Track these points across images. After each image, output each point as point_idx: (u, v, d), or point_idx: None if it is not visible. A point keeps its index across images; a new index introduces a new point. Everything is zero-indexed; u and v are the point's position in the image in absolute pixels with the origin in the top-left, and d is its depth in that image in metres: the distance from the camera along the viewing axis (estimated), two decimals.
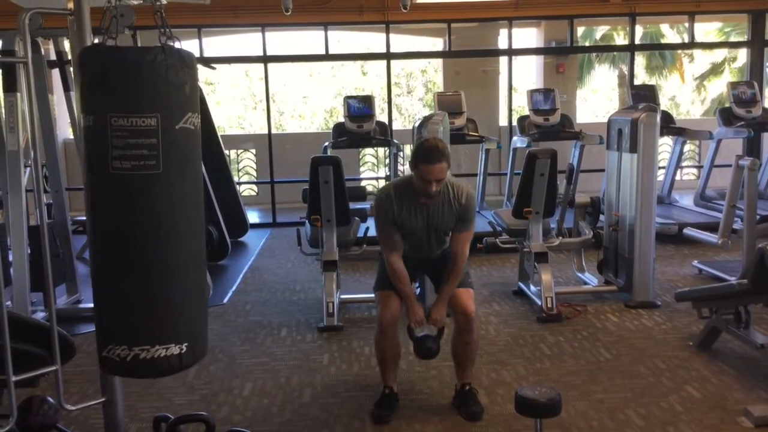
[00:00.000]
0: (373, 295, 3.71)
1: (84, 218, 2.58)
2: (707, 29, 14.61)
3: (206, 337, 2.66)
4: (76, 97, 2.50)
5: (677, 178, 8.85)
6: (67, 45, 5.35)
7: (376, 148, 10.05)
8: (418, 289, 4.97)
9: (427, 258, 3.58)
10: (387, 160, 9.25)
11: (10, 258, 4.93)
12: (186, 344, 2.48)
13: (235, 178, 9.46)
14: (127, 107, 2.30)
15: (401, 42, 10.69)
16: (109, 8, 2.42)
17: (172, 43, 2.39)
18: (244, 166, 10.62)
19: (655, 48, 16.60)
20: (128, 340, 2.42)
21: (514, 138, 8.24)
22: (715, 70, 16.21)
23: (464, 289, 3.45)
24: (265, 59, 9.06)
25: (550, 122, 7.86)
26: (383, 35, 9.11)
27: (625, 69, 13.90)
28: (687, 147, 9.67)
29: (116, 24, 2.42)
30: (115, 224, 2.40)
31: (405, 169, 8.20)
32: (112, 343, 2.44)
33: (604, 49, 17.08)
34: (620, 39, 16.26)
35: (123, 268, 2.42)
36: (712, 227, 6.16)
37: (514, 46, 9.58)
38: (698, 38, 10.22)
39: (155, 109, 2.32)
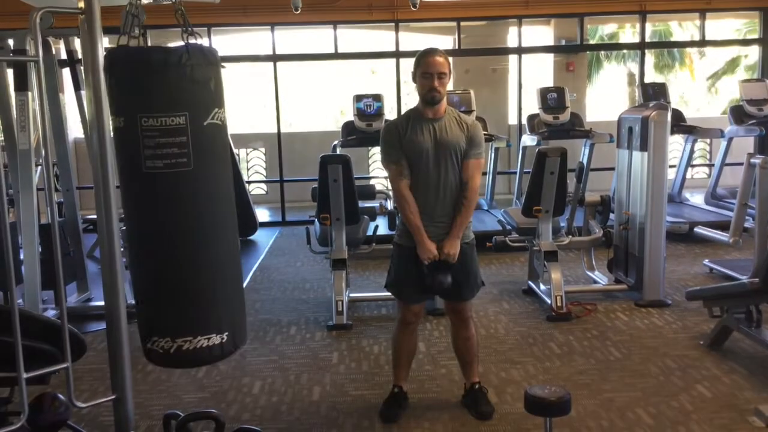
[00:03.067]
0: (381, 294, 3.69)
1: (95, 216, 2.60)
2: (722, 27, 14.50)
3: (245, 325, 2.77)
4: (87, 96, 2.52)
5: (688, 176, 8.81)
6: (77, 44, 5.37)
7: None
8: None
9: (439, 218, 3.28)
10: None
11: (21, 256, 4.96)
12: (226, 333, 2.59)
13: (245, 177, 9.48)
14: (156, 107, 2.38)
15: (410, 40, 10.66)
16: (128, 9, 2.46)
17: (194, 40, 2.44)
18: (254, 164, 10.64)
19: (666, 46, 16.52)
20: (171, 332, 2.53)
21: (524, 136, 8.22)
22: (728, 69, 16.10)
23: (463, 302, 3.42)
24: (275, 58, 9.08)
25: (560, 120, 7.84)
26: (392, 34, 9.11)
27: (634, 68, 13.85)
28: (698, 145, 9.62)
29: (138, 23, 2.48)
30: (152, 222, 2.50)
31: None
32: (155, 335, 2.55)
33: (615, 47, 17.02)
34: (627, 37, 16.20)
35: (162, 263, 2.53)
36: (723, 226, 6.14)
37: (523, 45, 9.55)
38: (711, 36, 10.14)
39: (183, 107, 2.39)
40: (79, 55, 5.22)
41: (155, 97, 2.38)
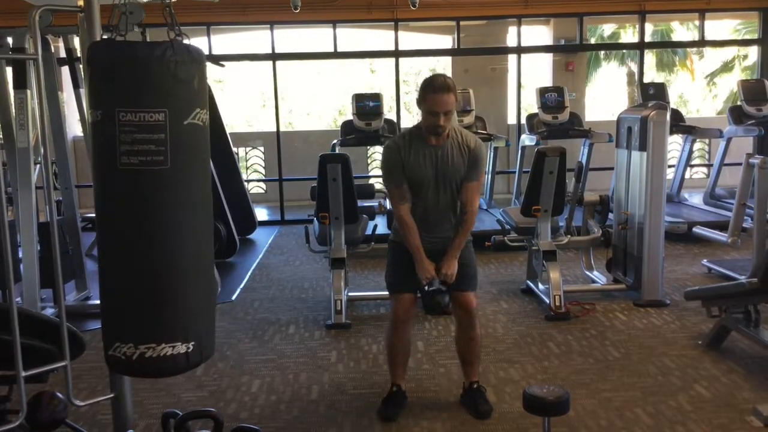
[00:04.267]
0: (380, 293, 3.69)
1: (94, 215, 2.59)
2: (722, 27, 14.53)
3: (213, 336, 2.65)
4: (86, 94, 2.51)
5: (687, 176, 8.82)
6: (77, 42, 5.37)
7: None
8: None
9: (435, 233, 3.36)
10: None
11: (20, 254, 4.95)
12: (193, 343, 2.47)
13: (244, 176, 9.49)
14: (135, 102, 2.29)
15: (410, 40, 10.67)
16: (117, 5, 2.42)
17: (181, 39, 2.39)
18: (253, 163, 10.64)
19: (665, 46, 16.52)
20: (134, 337, 2.41)
21: (523, 136, 8.23)
22: (726, 67, 16.12)
23: (467, 293, 3.42)
24: (274, 57, 9.08)
25: (559, 120, 7.84)
26: (392, 33, 9.11)
27: (634, 67, 13.86)
28: (697, 145, 9.63)
29: (125, 21, 2.42)
30: (123, 220, 2.39)
31: None
32: (117, 341, 2.43)
33: (614, 47, 17.03)
34: (627, 37, 16.22)
35: (130, 264, 2.41)
36: (721, 226, 6.14)
37: (523, 44, 9.56)
38: (710, 36, 10.16)
39: (163, 104, 2.31)
40: (78, 54, 5.25)
41: (135, 91, 2.30)
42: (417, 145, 3.28)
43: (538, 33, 11.48)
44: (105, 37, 2.47)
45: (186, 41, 2.41)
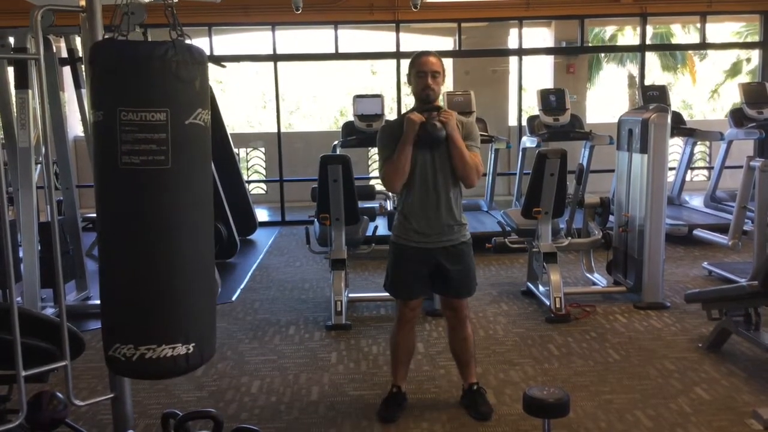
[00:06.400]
0: (381, 294, 3.70)
1: (94, 215, 2.59)
2: (725, 29, 14.53)
3: (214, 338, 2.63)
4: (88, 94, 2.51)
5: (688, 179, 8.82)
6: (78, 42, 5.37)
7: None
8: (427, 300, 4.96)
9: (435, 226, 3.30)
10: None
11: (21, 254, 4.96)
12: (193, 344, 2.45)
13: (245, 177, 9.49)
14: (137, 101, 2.28)
15: (411, 41, 10.67)
16: (120, 5, 2.42)
17: (183, 40, 2.39)
18: (254, 164, 10.65)
19: (666, 48, 16.53)
20: (134, 338, 2.39)
21: (524, 138, 8.23)
22: (730, 73, 16.11)
23: (461, 299, 3.42)
24: (275, 58, 9.08)
25: (560, 122, 7.84)
26: (393, 34, 9.12)
27: (634, 70, 13.87)
28: (698, 148, 9.63)
29: (128, 21, 2.42)
30: (124, 219, 2.38)
31: None
32: (118, 341, 2.42)
33: (615, 49, 17.03)
34: (625, 40, 16.22)
35: (130, 264, 2.40)
36: (722, 228, 6.14)
37: (524, 46, 9.56)
38: (712, 39, 10.17)
39: (165, 103, 2.30)
40: (80, 54, 5.26)
41: (136, 90, 2.29)
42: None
43: (540, 35, 11.49)
44: (106, 36, 2.47)
45: (188, 41, 2.40)
